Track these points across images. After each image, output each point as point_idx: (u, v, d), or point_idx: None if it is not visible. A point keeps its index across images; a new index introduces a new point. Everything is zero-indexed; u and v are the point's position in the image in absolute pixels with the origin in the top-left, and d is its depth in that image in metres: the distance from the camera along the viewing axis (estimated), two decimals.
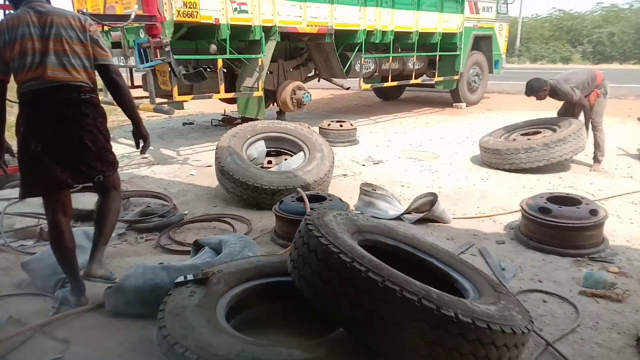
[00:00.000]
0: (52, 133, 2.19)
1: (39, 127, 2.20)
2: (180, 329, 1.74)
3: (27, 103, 2.19)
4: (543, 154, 4.90)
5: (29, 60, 2.13)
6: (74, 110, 2.22)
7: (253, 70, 6.48)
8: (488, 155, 5.29)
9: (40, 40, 2.14)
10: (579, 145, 4.97)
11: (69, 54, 2.18)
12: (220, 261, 2.40)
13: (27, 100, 2.18)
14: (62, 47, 2.17)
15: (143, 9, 5.28)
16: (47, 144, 2.19)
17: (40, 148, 2.18)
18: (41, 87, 2.15)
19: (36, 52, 2.13)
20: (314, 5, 6.94)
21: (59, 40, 2.16)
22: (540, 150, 4.90)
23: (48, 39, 2.14)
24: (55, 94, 2.17)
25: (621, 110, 9.03)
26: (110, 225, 2.48)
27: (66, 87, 2.18)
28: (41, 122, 2.19)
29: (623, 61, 27.57)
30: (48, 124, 2.19)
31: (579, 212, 3.09)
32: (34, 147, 2.18)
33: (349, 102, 11.79)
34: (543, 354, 2.07)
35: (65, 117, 2.21)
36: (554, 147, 4.87)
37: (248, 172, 4.04)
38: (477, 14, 10.02)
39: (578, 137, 4.97)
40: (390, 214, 3.79)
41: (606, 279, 2.64)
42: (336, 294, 1.67)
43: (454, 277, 2.16)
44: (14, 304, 2.47)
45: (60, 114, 2.19)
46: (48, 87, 2.15)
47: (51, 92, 2.16)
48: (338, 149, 6.05)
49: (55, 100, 2.17)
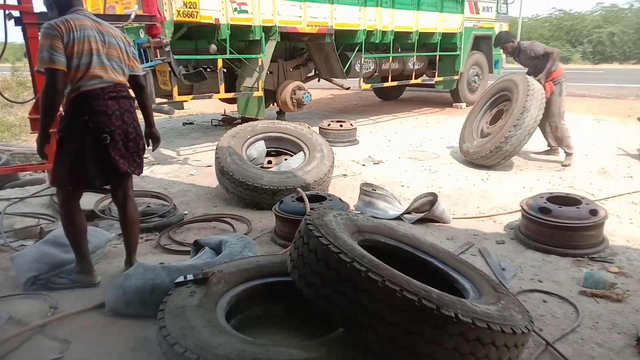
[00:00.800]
0: (116, 125, 2.47)
1: (104, 121, 2.43)
2: (180, 329, 1.74)
3: (90, 100, 2.40)
4: (513, 143, 4.90)
5: (95, 59, 2.41)
6: (128, 105, 2.57)
7: (253, 70, 6.48)
8: (474, 159, 5.34)
9: (102, 45, 2.46)
10: (538, 103, 4.90)
11: (119, 60, 2.54)
12: (220, 261, 2.40)
13: (89, 97, 2.40)
14: (116, 54, 2.52)
15: (143, 9, 5.27)
16: (113, 136, 2.46)
17: (109, 140, 2.44)
18: (102, 85, 2.43)
19: (101, 53, 2.44)
20: (314, 5, 6.95)
21: (115, 49, 2.52)
22: (507, 143, 4.92)
23: (104, 44, 2.47)
24: (116, 92, 2.48)
25: (621, 110, 9.04)
26: (138, 230, 2.88)
27: (119, 86, 2.52)
28: (106, 116, 2.43)
29: (623, 61, 27.58)
30: (112, 117, 2.45)
31: (579, 212, 3.09)
32: (103, 140, 2.43)
33: (349, 102, 11.79)
34: (543, 354, 2.07)
35: (124, 110, 2.53)
36: (517, 131, 4.85)
37: (248, 172, 4.04)
38: (477, 14, 10.02)
39: (532, 97, 4.90)
40: (390, 214, 3.79)
41: (606, 279, 2.63)
42: (336, 294, 1.67)
43: (454, 277, 2.16)
44: (14, 304, 2.47)
45: (120, 108, 2.50)
46: (107, 85, 2.44)
47: (110, 90, 2.45)
48: (338, 149, 6.05)
49: (115, 97, 2.47)
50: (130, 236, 2.79)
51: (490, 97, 5.70)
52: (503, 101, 5.49)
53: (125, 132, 2.53)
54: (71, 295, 2.55)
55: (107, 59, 2.47)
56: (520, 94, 5.00)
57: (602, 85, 13.10)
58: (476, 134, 5.62)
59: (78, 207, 2.60)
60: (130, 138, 2.57)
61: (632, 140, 6.28)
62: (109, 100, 2.44)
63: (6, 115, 8.85)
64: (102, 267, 2.94)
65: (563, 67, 5.49)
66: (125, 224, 2.78)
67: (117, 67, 2.53)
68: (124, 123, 2.52)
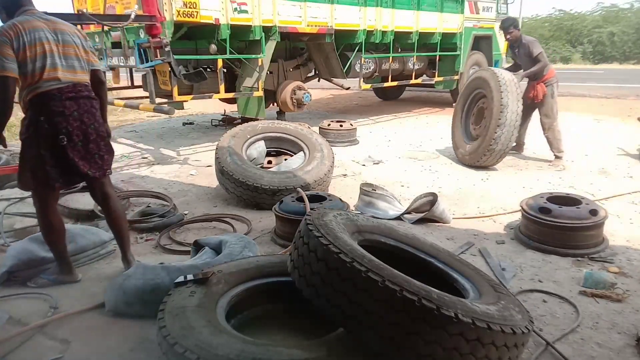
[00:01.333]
0: (74, 126, 2.43)
1: (61, 122, 2.39)
2: (180, 329, 1.74)
3: (46, 101, 2.37)
4: (503, 142, 4.90)
5: (49, 61, 2.36)
6: (89, 105, 2.51)
7: (253, 70, 6.48)
8: (472, 163, 5.34)
9: (56, 44, 2.40)
10: (514, 96, 4.88)
11: (77, 57, 2.48)
12: (220, 261, 2.40)
13: (46, 99, 2.37)
14: (72, 52, 2.46)
15: (143, 9, 5.28)
16: (71, 137, 2.42)
17: (65, 142, 2.40)
18: (60, 86, 2.39)
19: (54, 54, 2.39)
20: (314, 5, 6.94)
21: (71, 46, 2.46)
22: (497, 144, 4.92)
23: (59, 44, 2.42)
24: (75, 92, 2.44)
25: (621, 110, 9.05)
26: (126, 225, 2.84)
27: (79, 85, 2.47)
28: (63, 117, 2.40)
29: (623, 61, 27.57)
30: (70, 118, 2.41)
31: (579, 212, 3.09)
32: (60, 141, 2.40)
33: (349, 102, 11.79)
34: (543, 354, 2.07)
35: (83, 111, 2.47)
36: (503, 130, 4.85)
37: (248, 172, 4.04)
38: (477, 14, 10.02)
39: (506, 92, 4.87)
40: (390, 214, 3.79)
41: (606, 279, 2.63)
42: (336, 294, 1.67)
43: (454, 277, 2.16)
44: (14, 304, 2.47)
45: (79, 109, 2.45)
46: (66, 86, 2.40)
47: (69, 90, 2.41)
48: (338, 149, 6.05)
49: (74, 97, 2.43)
50: (120, 232, 2.76)
51: (466, 98, 5.70)
52: (480, 98, 5.50)
53: (84, 134, 2.48)
54: (71, 295, 2.55)
55: (64, 59, 2.42)
56: (494, 91, 4.99)
57: (602, 85, 13.10)
58: (466, 137, 5.63)
59: (54, 209, 2.58)
60: (91, 139, 2.51)
61: (632, 140, 6.28)
62: (67, 101, 2.40)
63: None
64: (102, 267, 2.94)
65: (563, 67, 5.50)
66: (112, 222, 2.75)
67: (77, 65, 2.47)
68: (82, 124, 2.46)
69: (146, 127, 8.62)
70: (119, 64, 6.13)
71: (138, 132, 8.10)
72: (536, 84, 5.20)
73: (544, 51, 5.34)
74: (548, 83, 5.22)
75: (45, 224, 2.56)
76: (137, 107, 6.24)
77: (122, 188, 4.53)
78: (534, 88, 5.22)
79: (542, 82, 5.19)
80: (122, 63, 5.95)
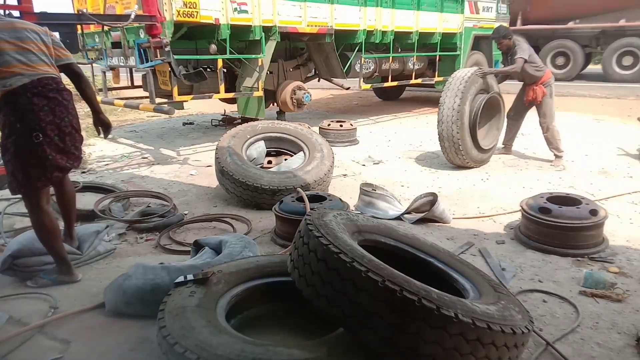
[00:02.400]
0: (47, 121, 2.39)
1: (33, 118, 2.36)
2: (180, 329, 1.73)
3: (13, 100, 2.34)
4: (447, 137, 5.04)
5: (8, 58, 2.33)
6: (59, 98, 2.46)
7: (253, 70, 6.48)
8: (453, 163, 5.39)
9: (15, 41, 2.37)
10: (453, 92, 4.98)
11: (39, 52, 2.44)
12: (220, 261, 2.40)
13: (12, 97, 2.34)
14: (34, 47, 2.43)
15: (143, 9, 5.28)
16: (45, 133, 2.39)
17: (41, 138, 2.37)
18: (26, 81, 2.35)
19: (10, 51, 2.34)
20: (314, 5, 6.94)
21: (30, 42, 2.42)
22: (444, 140, 5.08)
23: (19, 40, 2.38)
24: (41, 86, 2.39)
25: (621, 110, 9.04)
26: (75, 207, 2.90)
27: (44, 79, 2.42)
28: (34, 112, 2.36)
29: None
30: (42, 113, 2.38)
31: (579, 212, 3.09)
32: (35, 139, 2.36)
33: (349, 102, 11.79)
34: (543, 354, 2.07)
35: (54, 105, 2.43)
36: (442, 126, 5.04)
37: (248, 172, 4.04)
38: (477, 14, 10.02)
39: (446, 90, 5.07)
40: (390, 214, 3.79)
41: (606, 279, 2.63)
42: (336, 294, 1.67)
43: (454, 277, 2.16)
44: (14, 304, 2.47)
45: (49, 103, 2.41)
46: (29, 82, 2.36)
47: (33, 86, 2.36)
48: (338, 149, 6.05)
49: (41, 92, 2.39)
50: (69, 214, 2.83)
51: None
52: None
53: (58, 127, 2.46)
54: (71, 295, 2.55)
55: (23, 54, 2.38)
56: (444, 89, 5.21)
57: (602, 85, 13.09)
58: None
59: (44, 210, 2.56)
60: (67, 132, 2.50)
61: (632, 140, 6.27)
62: (34, 97, 2.37)
63: None
64: (102, 267, 2.94)
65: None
66: (64, 203, 2.81)
67: (38, 59, 2.44)
68: (56, 118, 2.44)
69: (146, 127, 8.62)
70: (119, 64, 6.14)
71: (138, 132, 8.10)
72: (535, 86, 5.21)
73: (537, 55, 5.35)
74: (546, 84, 5.24)
75: (37, 224, 2.55)
76: (137, 107, 6.24)
77: (122, 188, 4.53)
78: (533, 90, 5.23)
79: (541, 84, 5.21)
80: (122, 63, 5.95)
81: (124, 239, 3.44)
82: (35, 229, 2.57)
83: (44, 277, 2.64)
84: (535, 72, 5.19)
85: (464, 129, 4.96)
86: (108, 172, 5.41)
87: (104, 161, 5.97)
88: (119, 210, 3.90)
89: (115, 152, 6.49)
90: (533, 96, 5.22)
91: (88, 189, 4.27)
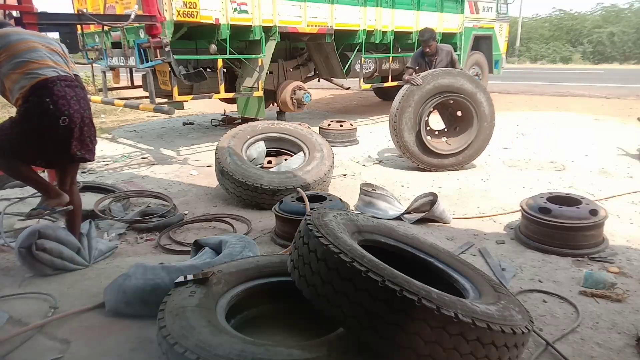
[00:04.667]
0: (74, 109, 2.59)
1: (65, 104, 2.55)
2: (180, 329, 1.73)
3: (49, 84, 2.53)
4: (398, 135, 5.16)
5: (38, 54, 2.57)
6: (83, 94, 2.70)
7: (253, 70, 6.48)
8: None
9: (40, 44, 2.64)
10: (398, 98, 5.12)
11: (59, 55, 2.71)
12: (220, 261, 2.40)
13: (49, 83, 2.53)
14: (55, 50, 2.70)
15: (143, 9, 5.28)
16: (71, 119, 2.57)
17: (67, 122, 2.55)
18: (59, 73, 2.59)
19: (41, 49, 2.61)
20: (314, 5, 6.95)
21: (53, 47, 2.70)
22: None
23: (43, 43, 2.67)
24: (67, 80, 2.61)
25: (621, 110, 9.05)
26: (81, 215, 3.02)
27: (70, 76, 2.66)
28: (67, 99, 2.56)
29: (623, 61, 27.60)
30: (72, 102, 2.58)
31: (579, 212, 3.09)
32: (62, 122, 2.54)
33: (349, 102, 11.79)
34: (543, 354, 2.07)
35: (79, 98, 2.65)
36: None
37: (248, 172, 4.04)
38: (477, 14, 10.03)
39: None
40: (390, 214, 3.79)
41: (606, 279, 2.63)
42: (336, 294, 1.67)
43: (454, 277, 2.16)
44: (14, 304, 2.47)
45: (76, 95, 2.63)
46: (63, 75, 2.60)
47: (64, 79, 2.59)
48: (338, 149, 6.06)
49: (69, 85, 2.61)
50: (74, 222, 2.94)
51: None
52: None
53: (81, 117, 2.63)
54: (71, 295, 2.55)
55: (52, 54, 2.65)
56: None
57: (602, 85, 13.10)
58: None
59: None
60: (86, 122, 2.67)
61: (632, 140, 6.27)
62: (67, 88, 2.58)
63: (6, 115, 8.86)
64: (102, 267, 2.94)
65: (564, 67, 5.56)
66: (72, 210, 2.90)
67: (62, 61, 2.71)
68: (80, 108, 2.62)
69: (146, 127, 8.62)
70: (119, 64, 6.14)
71: (138, 132, 8.10)
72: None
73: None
74: None
75: (10, 166, 2.65)
76: (137, 107, 6.25)
77: (122, 188, 4.53)
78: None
79: None
80: (122, 63, 5.95)
81: (124, 239, 3.45)
82: (7, 170, 2.72)
83: (38, 207, 2.77)
84: None
85: (403, 136, 5.15)
86: (108, 172, 5.41)
87: (104, 161, 5.97)
88: (119, 210, 3.90)
89: (115, 152, 6.50)
90: None
91: (88, 189, 4.27)
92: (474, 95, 5.17)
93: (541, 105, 10.48)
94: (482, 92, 5.23)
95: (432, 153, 5.22)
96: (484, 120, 5.24)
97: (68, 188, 2.86)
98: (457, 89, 5.13)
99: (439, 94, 5.16)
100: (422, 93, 5.12)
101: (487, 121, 5.28)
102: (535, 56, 31.31)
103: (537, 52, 31.72)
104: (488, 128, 5.30)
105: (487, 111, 5.25)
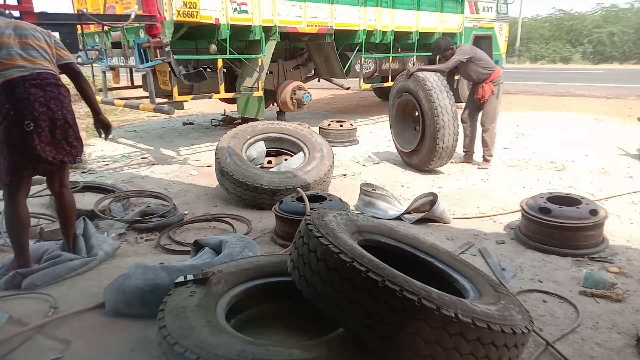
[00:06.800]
0: (40, 112, 2.45)
1: (27, 107, 2.42)
2: (180, 329, 1.73)
3: (10, 87, 2.40)
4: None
5: (10, 52, 2.42)
6: (56, 92, 2.52)
7: (253, 70, 6.48)
8: None
9: (12, 38, 2.45)
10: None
11: (33, 48, 2.51)
12: (220, 261, 2.40)
13: (10, 86, 2.40)
14: (30, 44, 2.50)
15: (143, 9, 5.28)
16: (37, 123, 2.43)
17: (32, 127, 2.42)
18: (25, 73, 2.43)
19: (11, 46, 2.43)
20: (314, 5, 6.95)
21: (28, 38, 2.50)
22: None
23: (16, 37, 2.47)
24: (36, 79, 2.46)
25: (621, 110, 9.05)
26: (75, 218, 2.88)
27: (43, 73, 2.50)
28: (29, 102, 2.42)
29: (623, 61, 27.59)
30: (35, 104, 2.43)
31: (579, 212, 3.09)
32: (26, 127, 2.42)
33: (349, 102, 11.79)
34: (543, 354, 2.07)
35: (50, 98, 2.49)
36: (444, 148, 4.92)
37: (248, 172, 4.04)
38: (477, 14, 10.03)
39: None
40: (390, 214, 3.79)
41: (606, 279, 2.63)
42: (336, 294, 1.67)
43: (454, 277, 2.16)
44: (14, 304, 2.47)
45: (45, 95, 2.47)
46: (29, 74, 2.44)
47: (32, 78, 2.44)
48: (338, 149, 6.06)
49: (37, 84, 2.46)
50: (67, 223, 2.83)
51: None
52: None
53: (51, 119, 2.50)
54: (71, 295, 2.55)
55: (25, 49, 2.49)
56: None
57: (602, 85, 13.10)
58: None
59: (23, 203, 2.57)
60: (58, 125, 2.53)
61: (632, 140, 6.28)
62: (32, 88, 2.45)
63: None
64: (102, 267, 2.94)
65: (564, 67, 5.52)
66: (63, 212, 2.80)
67: (35, 55, 2.53)
68: (49, 110, 2.50)
69: (146, 127, 8.62)
70: (119, 64, 6.14)
71: (138, 132, 8.10)
72: (484, 84, 5.13)
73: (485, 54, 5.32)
74: (495, 82, 5.17)
75: (11, 215, 2.55)
76: (137, 107, 6.25)
77: (122, 188, 4.53)
78: (482, 88, 5.15)
79: (490, 82, 5.14)
80: (122, 63, 5.95)
81: (124, 239, 3.45)
82: (8, 219, 2.57)
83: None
84: (483, 69, 5.14)
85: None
86: (108, 172, 5.41)
87: (104, 161, 5.97)
88: (119, 210, 3.90)
89: (115, 152, 6.49)
90: (482, 93, 5.15)
91: (88, 189, 4.27)
92: (416, 93, 5.05)
93: (541, 105, 10.48)
94: (421, 89, 4.98)
95: (404, 152, 5.42)
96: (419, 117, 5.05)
97: (57, 190, 2.76)
98: (407, 88, 5.19)
99: (400, 93, 5.37)
100: (393, 93, 5.35)
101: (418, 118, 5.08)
102: (535, 56, 31.32)
103: (537, 52, 31.73)
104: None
105: (427, 108, 4.93)
